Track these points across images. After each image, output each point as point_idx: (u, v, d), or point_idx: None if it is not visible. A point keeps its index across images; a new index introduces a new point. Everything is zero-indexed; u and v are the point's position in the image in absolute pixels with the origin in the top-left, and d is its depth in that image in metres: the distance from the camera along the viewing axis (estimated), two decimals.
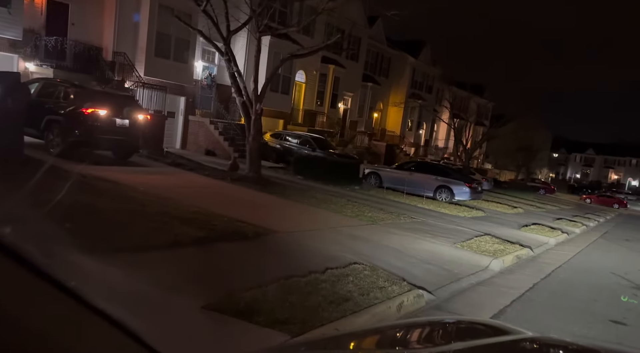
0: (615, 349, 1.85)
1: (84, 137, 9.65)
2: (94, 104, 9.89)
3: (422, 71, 36.55)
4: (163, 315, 3.19)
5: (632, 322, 5.29)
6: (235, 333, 3.28)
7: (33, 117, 10.06)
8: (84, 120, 9.70)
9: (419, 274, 5.68)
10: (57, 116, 9.92)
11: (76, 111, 9.76)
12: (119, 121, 10.24)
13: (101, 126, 9.87)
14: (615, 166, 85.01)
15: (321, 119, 26.58)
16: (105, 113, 9.96)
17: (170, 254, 4.57)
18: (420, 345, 1.28)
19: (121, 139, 10.33)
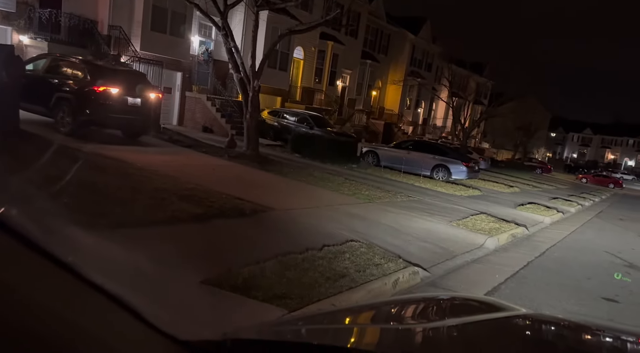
0: (606, 325, 1.89)
1: (96, 116, 9.43)
2: (105, 82, 9.56)
3: (422, 48, 36.13)
4: (162, 290, 3.20)
5: (623, 299, 5.39)
6: (234, 307, 3.32)
7: (41, 94, 9.70)
8: (95, 99, 9.41)
9: (415, 251, 5.74)
10: (68, 93, 9.60)
11: (88, 89, 9.46)
12: (130, 100, 9.93)
13: (113, 104, 9.58)
14: (612, 146, 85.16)
15: (319, 97, 26.38)
16: (117, 91, 9.65)
17: (169, 230, 4.59)
18: (415, 320, 1.30)
19: (133, 119, 10.05)
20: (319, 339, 1.07)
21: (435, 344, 1.07)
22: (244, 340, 0.97)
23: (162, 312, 1.03)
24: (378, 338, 1.12)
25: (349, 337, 1.12)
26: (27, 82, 9.99)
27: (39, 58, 10.95)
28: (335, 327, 1.18)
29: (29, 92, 9.86)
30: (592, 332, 1.32)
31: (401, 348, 1.02)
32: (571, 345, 1.19)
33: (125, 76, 10.39)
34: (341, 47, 27.41)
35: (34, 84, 9.81)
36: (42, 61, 10.58)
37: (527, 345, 1.15)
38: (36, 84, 9.88)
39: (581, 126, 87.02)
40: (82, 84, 9.59)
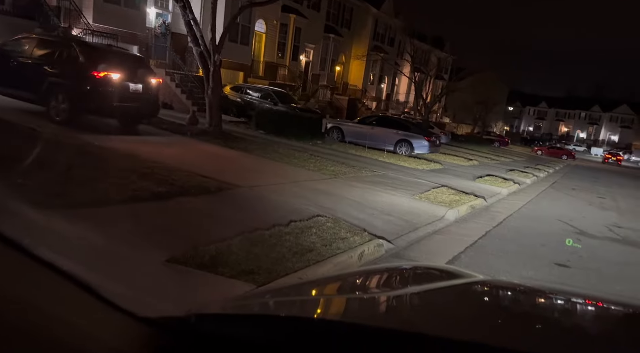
0: (558, 289, 2.01)
1: (96, 104, 8.62)
2: (106, 67, 8.71)
3: (384, 22, 36.05)
4: (125, 269, 3.17)
5: (574, 264, 5.73)
6: (201, 284, 3.32)
7: (28, 79, 8.84)
8: (96, 85, 8.58)
9: (379, 225, 5.87)
10: (63, 79, 8.69)
11: (87, 75, 8.59)
12: (132, 86, 9.11)
13: (115, 91, 8.76)
14: (566, 119, 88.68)
15: (282, 72, 26.03)
16: (119, 77, 8.83)
17: (131, 209, 4.49)
18: (379, 290, 1.34)
19: (134, 106, 9.25)
20: (285, 311, 1.07)
21: (398, 311, 1.10)
22: (208, 315, 0.95)
23: (123, 290, 1.02)
24: (344, 308, 1.14)
25: (315, 308, 1.13)
26: (9, 65, 9.11)
27: (22, 39, 9.96)
28: (302, 298, 1.19)
29: (12, 76, 8.97)
30: (545, 296, 1.39)
31: (365, 316, 1.03)
32: (526, 308, 1.25)
33: (125, 59, 9.52)
34: (304, 20, 26.98)
35: (18, 68, 9.03)
36: (27, 42, 9.54)
37: (484, 309, 1.20)
38: (21, 68, 9.03)
39: (537, 100, 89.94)
40: (80, 69, 8.69)
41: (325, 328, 0.88)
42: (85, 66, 8.68)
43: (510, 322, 1.06)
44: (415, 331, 0.86)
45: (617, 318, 1.25)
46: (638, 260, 6.53)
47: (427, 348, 0.75)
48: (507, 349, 0.79)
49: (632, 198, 15.65)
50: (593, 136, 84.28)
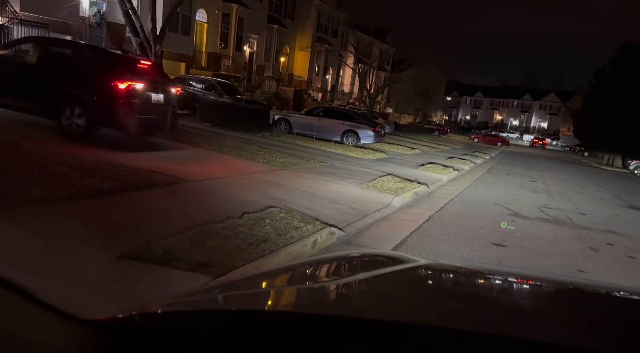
0: (495, 269, 2.19)
1: (117, 117, 7.60)
2: (128, 76, 7.81)
3: (327, 14, 36.24)
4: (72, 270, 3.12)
5: (509, 244, 6.19)
6: (156, 278, 3.31)
7: (32, 89, 7.84)
8: (118, 96, 7.59)
9: (330, 213, 6.04)
10: (78, 89, 7.67)
11: (107, 85, 7.59)
12: (154, 96, 8.19)
13: (138, 103, 7.86)
14: (500, 107, 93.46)
15: (226, 63, 25.57)
16: (142, 87, 7.93)
17: (77, 206, 4.36)
18: (329, 278, 1.40)
19: (155, 118, 8.35)
20: (233, 305, 1.07)
21: (347, 298, 1.16)
22: (154, 313, 0.93)
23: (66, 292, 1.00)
24: (294, 298, 1.17)
25: (266, 300, 1.14)
26: (8, 72, 8.12)
27: (22, 42, 8.88)
28: (252, 291, 1.20)
29: (12, 85, 7.99)
30: (483, 277, 1.50)
31: (316, 304, 1.06)
32: (466, 289, 1.36)
33: (144, 67, 8.55)
34: (246, 10, 26.60)
35: (20, 76, 8.08)
36: (29, 46, 8.51)
37: (427, 292, 1.28)
38: (24, 76, 8.04)
39: (473, 89, 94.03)
40: (99, 78, 7.70)
41: (275, 319, 0.88)
42: (105, 74, 7.69)
43: (451, 303, 1.12)
44: (364, 317, 0.90)
45: (548, 294, 1.36)
46: (565, 237, 7.14)
47: (375, 332, 0.76)
48: (448, 329, 0.82)
49: (560, 181, 16.91)
50: (525, 124, 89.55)
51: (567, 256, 5.97)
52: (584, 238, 7.17)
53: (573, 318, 1.08)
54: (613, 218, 9.73)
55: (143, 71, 8.22)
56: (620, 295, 1.46)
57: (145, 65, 8.50)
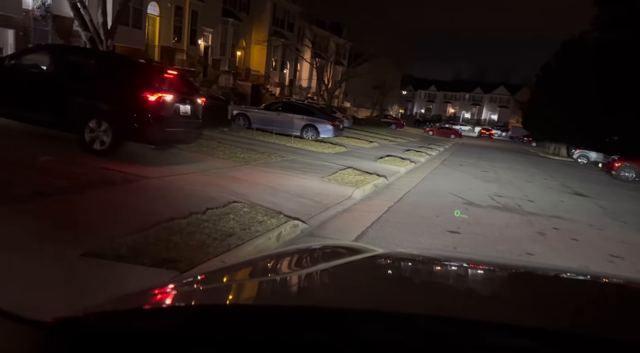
0: (449, 255, 2.31)
1: (146, 131, 7.12)
2: (157, 86, 7.25)
3: (283, 7, 36.07)
4: (37, 268, 3.07)
5: (464, 231, 6.50)
6: (121, 275, 3.31)
7: (50, 101, 7.22)
8: (147, 109, 7.04)
9: (294, 207, 6.14)
10: (103, 101, 7.13)
11: (136, 97, 7.07)
12: (182, 108, 7.72)
13: (167, 115, 7.36)
14: (452, 100, 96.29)
15: (181, 57, 25.02)
16: (171, 98, 7.41)
17: (35, 205, 4.24)
18: (291, 269, 1.43)
19: (182, 132, 7.91)
20: (196, 300, 1.06)
21: (307, 288, 1.18)
22: (109, 312, 0.89)
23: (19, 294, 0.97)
24: (256, 291, 1.16)
25: (228, 294, 1.13)
26: (24, 82, 7.54)
27: (40, 50, 8.19)
28: (214, 286, 1.19)
29: (28, 96, 7.37)
30: (439, 263, 1.58)
31: (277, 296, 1.08)
32: (422, 276, 1.41)
33: (171, 76, 7.96)
34: (200, 3, 26.09)
35: (36, 86, 7.47)
36: (49, 54, 7.89)
37: (384, 279, 1.34)
38: (42, 87, 7.44)
39: (427, 83, 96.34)
40: (126, 90, 7.17)
41: (236, 312, 0.87)
42: (134, 85, 7.18)
43: (407, 289, 1.16)
44: (323, 306, 0.91)
45: (500, 277, 1.42)
46: (515, 223, 7.57)
47: (334, 320, 0.78)
48: (404, 313, 0.85)
49: (510, 170, 17.73)
50: (476, 116, 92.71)
51: (517, 241, 6.35)
52: (532, 224, 7.63)
53: (523, 299, 1.14)
54: (559, 204, 10.36)
55: (171, 81, 7.72)
56: (567, 276, 1.59)
57: (173, 74, 7.96)
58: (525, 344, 0.73)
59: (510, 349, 0.72)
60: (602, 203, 11.55)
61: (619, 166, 21.02)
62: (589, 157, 30.29)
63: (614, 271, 5.53)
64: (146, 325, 0.81)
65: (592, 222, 8.52)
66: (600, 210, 10.29)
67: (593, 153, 30.03)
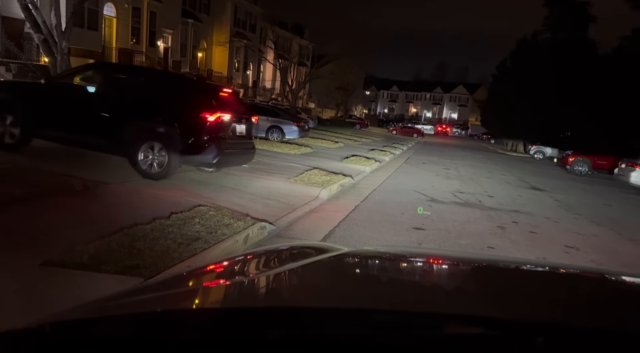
0: (415, 252, 2.36)
1: (205, 154, 6.74)
2: (213, 106, 6.87)
3: (245, 8, 35.81)
4: None
5: (428, 227, 6.66)
6: (83, 283, 3.22)
7: (101, 122, 6.83)
8: (206, 130, 6.67)
9: (260, 209, 6.11)
10: (159, 123, 6.67)
11: (194, 117, 6.70)
12: (238, 128, 7.35)
13: (226, 136, 7.02)
14: (414, 100, 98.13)
15: (140, 59, 24.42)
16: (229, 118, 7.05)
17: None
18: (258, 271, 1.43)
19: (238, 153, 7.51)
20: (157, 306, 1.03)
21: (273, 289, 1.18)
22: (65, 322, 0.85)
23: None
24: (222, 294, 1.15)
25: (191, 298, 1.12)
26: (69, 103, 7.10)
27: (87, 68, 7.66)
28: (176, 291, 1.16)
29: (77, 118, 6.96)
30: (405, 260, 1.62)
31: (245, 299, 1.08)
32: (387, 273, 1.42)
33: (225, 94, 7.59)
34: (158, 4, 25.56)
35: (83, 107, 7.04)
36: (95, 72, 7.49)
37: (350, 277, 1.36)
38: (88, 107, 7.03)
39: (389, 84, 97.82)
40: (182, 110, 6.78)
41: (199, 317, 0.86)
42: (191, 105, 6.82)
43: (373, 286, 1.18)
44: (289, 306, 0.92)
45: (463, 271, 1.46)
46: (476, 218, 7.80)
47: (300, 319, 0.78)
48: (366, 309, 0.85)
49: (470, 167, 18.25)
50: (437, 115, 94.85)
51: (479, 235, 6.56)
52: (492, 218, 7.88)
53: (484, 291, 1.18)
54: (517, 198, 10.76)
55: (227, 100, 7.38)
56: (527, 268, 1.65)
57: (228, 93, 7.64)
58: (483, 333, 0.75)
59: (471, 339, 0.73)
60: (558, 196, 12.07)
61: (573, 160, 22.02)
62: (544, 152, 31.55)
63: (570, 261, 5.79)
64: (105, 333, 0.78)
65: (549, 215, 8.89)
66: (556, 203, 10.75)
67: (548, 149, 31.30)
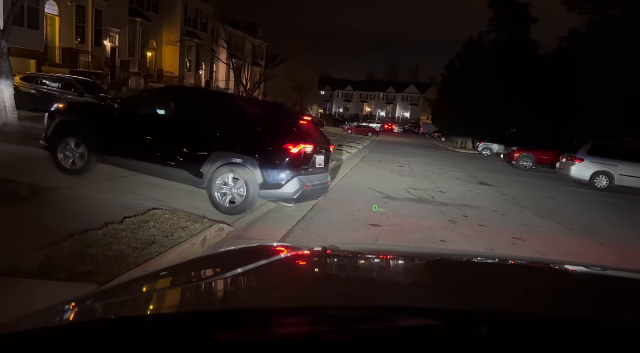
0: (370, 248, 2.42)
1: (287, 188, 6.23)
2: (295, 136, 6.42)
3: (195, 7, 35.12)
4: None
5: (384, 223, 6.83)
6: (33, 291, 3.10)
7: (170, 150, 6.37)
8: (288, 162, 6.21)
9: (218, 211, 6.06)
10: (238, 154, 6.16)
11: (277, 148, 6.24)
12: (317, 159, 6.83)
13: (308, 168, 6.54)
14: (368, 100, 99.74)
15: (85, 59, 23.46)
16: (311, 150, 6.55)
17: None
18: (214, 273, 1.42)
19: (317, 185, 6.86)
20: (111, 313, 1.01)
21: (231, 291, 1.17)
22: (9, 334, 0.80)
23: None
24: (177, 298, 1.13)
25: (144, 303, 1.10)
26: (139, 129, 6.59)
27: (162, 93, 7.28)
28: (128, 297, 1.13)
29: (145, 145, 6.47)
30: (361, 256, 1.65)
31: (200, 302, 1.07)
32: (345, 270, 1.43)
33: (306, 123, 7.09)
34: (104, 2, 24.64)
35: (152, 134, 6.54)
36: (166, 97, 7.04)
37: (306, 275, 1.35)
38: (158, 134, 6.53)
39: (343, 83, 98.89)
40: (263, 139, 6.30)
41: (152, 322, 0.84)
42: (272, 134, 6.35)
43: (331, 283, 1.20)
44: (241, 307, 0.91)
45: (414, 267, 1.49)
46: (429, 213, 8.08)
47: (253, 322, 0.77)
48: (318, 307, 0.87)
49: (423, 164, 18.80)
50: (391, 114, 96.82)
51: (431, 230, 6.80)
52: (444, 213, 8.19)
53: (434, 284, 1.22)
54: (466, 193, 11.20)
55: (307, 129, 6.96)
56: (476, 260, 1.73)
57: (307, 121, 7.23)
58: (429, 324, 0.77)
59: (417, 330, 0.76)
60: (505, 190, 12.67)
61: (518, 156, 23.13)
62: (492, 149, 32.94)
63: (516, 251, 6.12)
64: (53, 344, 0.74)
65: (496, 208, 9.33)
66: (503, 197, 11.28)
67: (495, 145, 32.70)
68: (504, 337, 0.74)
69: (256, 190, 6.14)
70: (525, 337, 0.74)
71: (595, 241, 7.29)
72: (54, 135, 6.94)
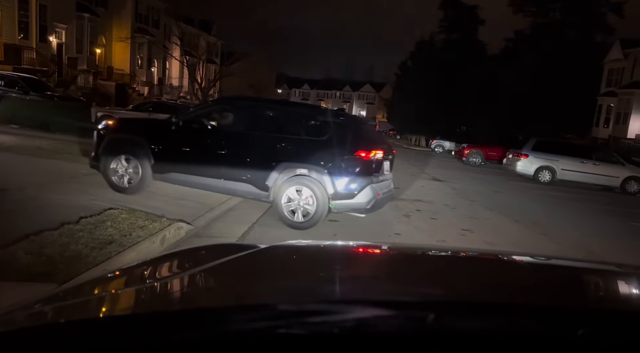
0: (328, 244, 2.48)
1: (360, 197, 5.97)
2: (365, 141, 6.22)
3: (146, 3, 34.18)
4: None
5: (341, 219, 7.01)
6: None
7: (247, 164, 6.12)
8: (360, 171, 5.92)
9: (176, 210, 6.05)
10: (305, 164, 5.92)
11: (347, 156, 5.93)
12: (386, 166, 6.53)
13: (379, 176, 6.23)
14: (325, 98, 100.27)
15: (29, 56, 22.37)
16: (381, 156, 6.26)
17: None
18: (172, 273, 1.44)
19: (386, 193, 6.57)
20: (67, 315, 0.99)
21: (189, 291, 1.18)
22: None
23: None
24: (133, 300, 1.12)
25: (100, 305, 1.09)
26: (202, 143, 6.35)
27: (223, 104, 7.14)
28: (84, 299, 1.11)
29: (209, 160, 6.17)
30: (321, 252, 1.64)
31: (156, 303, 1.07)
32: (305, 267, 1.43)
33: (370, 126, 6.82)
34: None
35: (218, 148, 6.24)
36: (234, 108, 6.87)
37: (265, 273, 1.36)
38: (223, 148, 6.24)
39: (300, 82, 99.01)
40: (331, 147, 5.96)
41: (107, 324, 0.83)
42: (341, 141, 5.98)
43: (287, 281, 1.21)
44: (200, 307, 0.91)
45: (367, 260, 1.53)
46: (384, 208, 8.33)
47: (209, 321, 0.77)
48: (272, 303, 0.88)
49: None
50: (348, 112, 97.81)
51: (387, 224, 7.07)
52: (399, 208, 8.51)
53: (385, 277, 1.26)
54: (420, 189, 11.62)
55: (372, 133, 6.82)
56: (432, 253, 1.84)
57: (373, 125, 6.72)
58: (378, 315, 0.80)
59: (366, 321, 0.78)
60: (455, 185, 13.23)
61: (468, 152, 24.08)
62: (444, 146, 34.05)
63: (466, 242, 6.48)
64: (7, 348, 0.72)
65: (447, 203, 9.77)
66: (454, 192, 11.80)
67: (447, 143, 33.82)
68: (450, 325, 0.76)
69: (326, 202, 5.95)
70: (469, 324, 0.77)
71: (537, 232, 7.81)
72: (105, 152, 6.57)
